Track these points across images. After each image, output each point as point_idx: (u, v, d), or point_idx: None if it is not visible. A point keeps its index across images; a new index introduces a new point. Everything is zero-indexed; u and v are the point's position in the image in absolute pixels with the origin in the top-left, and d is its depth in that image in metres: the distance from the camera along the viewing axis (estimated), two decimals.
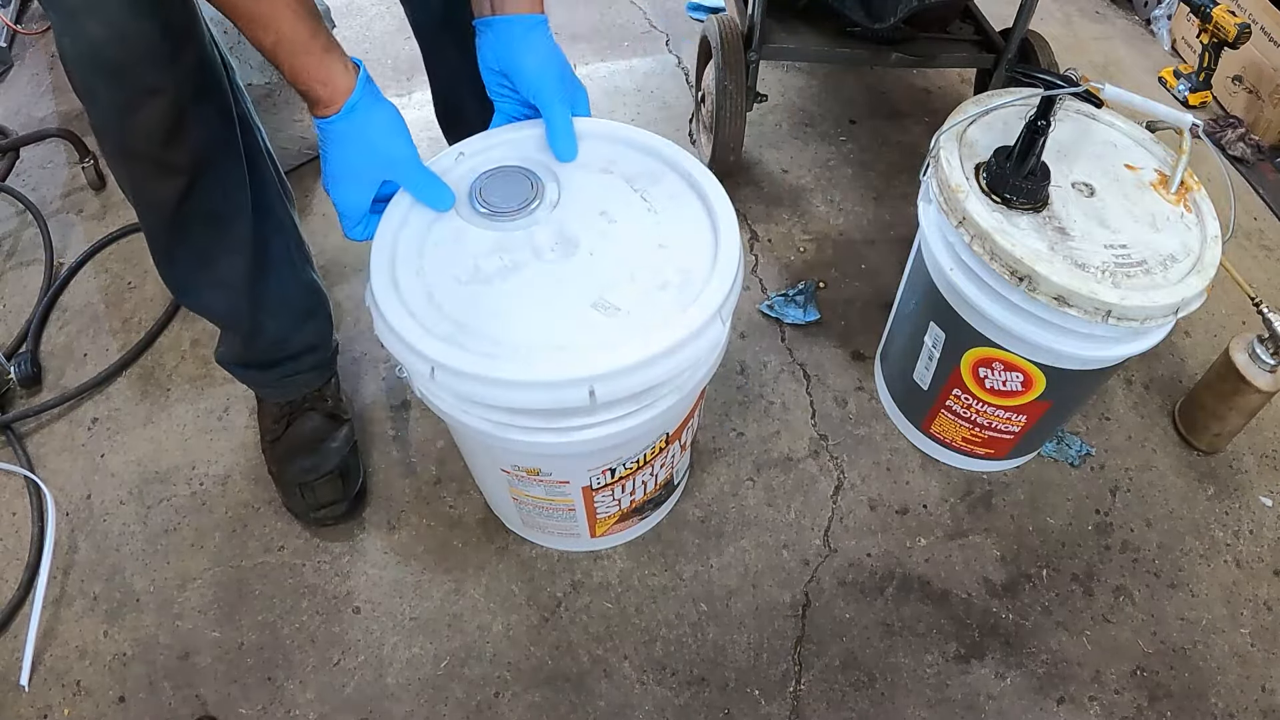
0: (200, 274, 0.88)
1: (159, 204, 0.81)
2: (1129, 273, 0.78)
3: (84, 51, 0.69)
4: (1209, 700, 0.90)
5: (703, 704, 0.88)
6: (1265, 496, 1.07)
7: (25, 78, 1.70)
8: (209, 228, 0.84)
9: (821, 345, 1.21)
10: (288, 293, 0.95)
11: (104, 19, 0.67)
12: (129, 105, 0.72)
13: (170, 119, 0.74)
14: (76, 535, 1.00)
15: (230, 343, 0.97)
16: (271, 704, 0.87)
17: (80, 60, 0.70)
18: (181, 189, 0.80)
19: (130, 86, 0.71)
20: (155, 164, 0.77)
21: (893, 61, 1.37)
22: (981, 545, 1.01)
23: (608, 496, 0.84)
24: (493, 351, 0.64)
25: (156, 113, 0.73)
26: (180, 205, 0.80)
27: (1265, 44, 1.60)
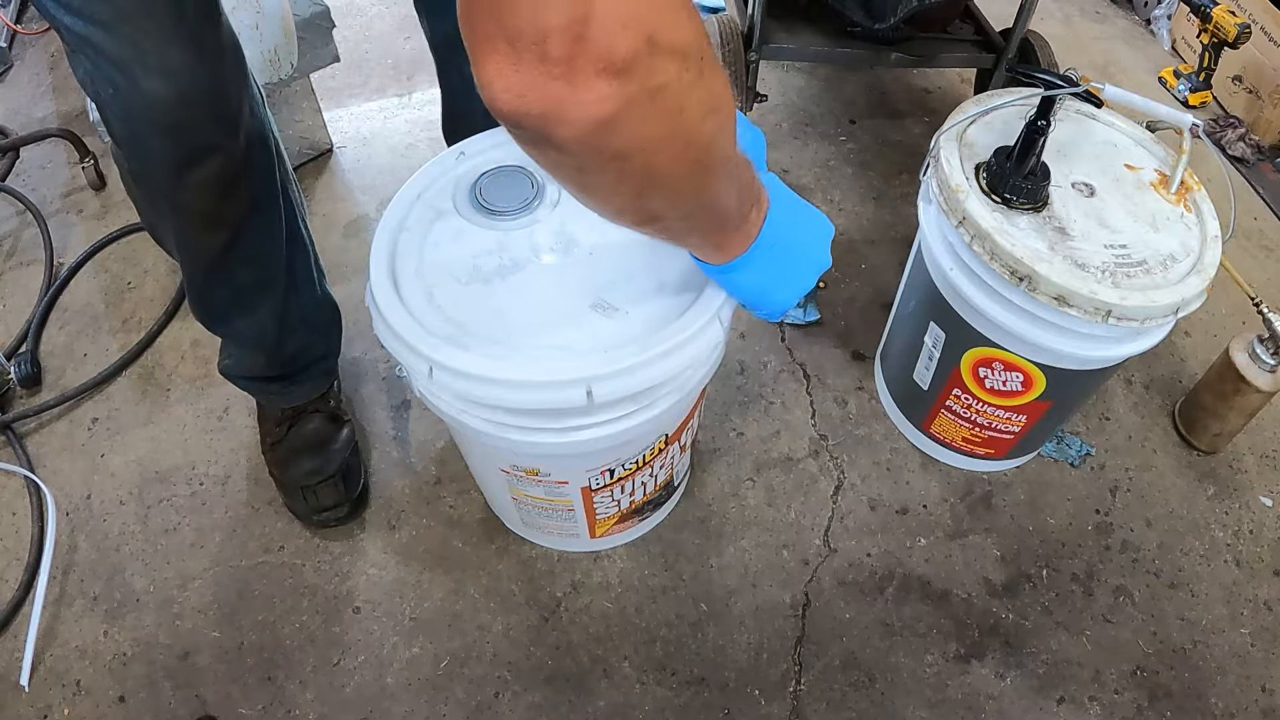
0: (236, 308, 0.88)
1: (205, 251, 0.80)
2: (1129, 273, 0.78)
3: (134, 104, 0.65)
4: (1209, 700, 0.90)
5: (703, 704, 0.88)
6: (1265, 496, 1.07)
7: (25, 78, 1.70)
8: (250, 268, 0.85)
9: (821, 345, 1.21)
10: (309, 311, 0.96)
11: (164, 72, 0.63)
12: (185, 162, 0.69)
13: (227, 175, 0.73)
14: (76, 535, 1.00)
15: (244, 359, 0.96)
16: (271, 704, 0.87)
17: (129, 114, 0.66)
18: (229, 239, 0.79)
19: (188, 144, 0.69)
20: (207, 218, 0.76)
21: (893, 61, 1.37)
22: (981, 545, 1.01)
23: (607, 497, 0.84)
24: (491, 351, 0.64)
25: (213, 170, 0.71)
26: (226, 253, 0.80)
27: (1265, 44, 1.60)
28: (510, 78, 0.35)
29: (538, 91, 0.35)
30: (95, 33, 0.62)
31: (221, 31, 0.69)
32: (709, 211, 0.51)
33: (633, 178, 0.43)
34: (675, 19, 0.37)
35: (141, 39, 0.62)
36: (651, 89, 0.37)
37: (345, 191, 1.44)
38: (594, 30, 0.34)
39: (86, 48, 0.63)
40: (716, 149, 0.45)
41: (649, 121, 0.38)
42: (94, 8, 0.61)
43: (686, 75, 0.38)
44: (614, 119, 0.37)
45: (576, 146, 0.38)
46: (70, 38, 0.63)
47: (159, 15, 0.62)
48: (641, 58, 0.35)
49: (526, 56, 0.34)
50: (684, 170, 0.44)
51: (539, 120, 0.37)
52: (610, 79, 0.35)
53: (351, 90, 1.65)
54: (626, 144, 0.39)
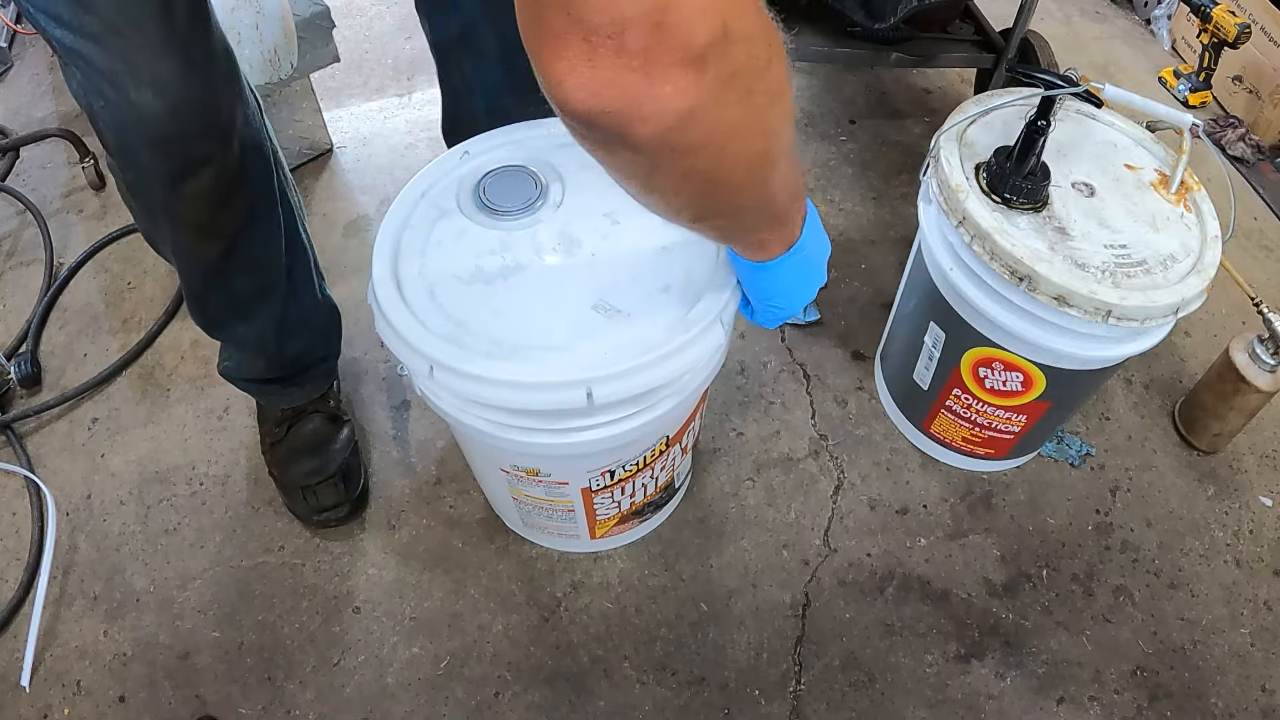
0: (235, 315, 0.88)
1: (202, 261, 0.80)
2: (1129, 273, 0.78)
3: (126, 117, 0.64)
4: (1209, 700, 0.90)
5: (703, 704, 0.88)
6: (1265, 496, 1.07)
7: (25, 78, 1.70)
8: (249, 276, 0.84)
9: (821, 345, 1.21)
10: (309, 315, 0.96)
11: (154, 85, 0.63)
12: (179, 174, 0.69)
13: (221, 187, 0.72)
14: (76, 535, 1.00)
15: (244, 362, 0.96)
16: (271, 704, 0.87)
17: (121, 126, 0.65)
18: (226, 248, 0.79)
19: (181, 156, 0.68)
20: (203, 229, 0.76)
21: (893, 61, 1.37)
22: (981, 545, 1.01)
23: (607, 498, 0.84)
24: (492, 351, 0.64)
25: (207, 181, 0.71)
26: (224, 262, 0.80)
27: (1265, 44, 1.60)
28: (585, 74, 0.34)
29: (615, 87, 0.34)
30: (85, 45, 0.61)
31: (213, 42, 0.69)
32: (763, 208, 0.51)
33: (700, 174, 0.42)
34: (746, 4, 0.36)
35: (131, 52, 0.62)
36: (725, 76, 0.36)
37: (345, 191, 1.44)
38: (673, 18, 0.33)
39: (77, 60, 0.62)
40: (781, 138, 0.44)
41: (723, 109, 0.37)
42: (83, 21, 0.60)
43: (756, 61, 0.38)
44: (692, 110, 0.36)
45: (652, 144, 0.37)
46: (61, 50, 0.63)
47: (148, 28, 0.62)
48: (718, 45, 0.34)
49: (603, 50, 0.33)
50: (748, 163, 0.43)
51: (615, 118, 0.35)
52: (688, 69, 0.34)
53: (351, 90, 1.65)
54: (701, 136, 0.38)
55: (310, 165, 1.47)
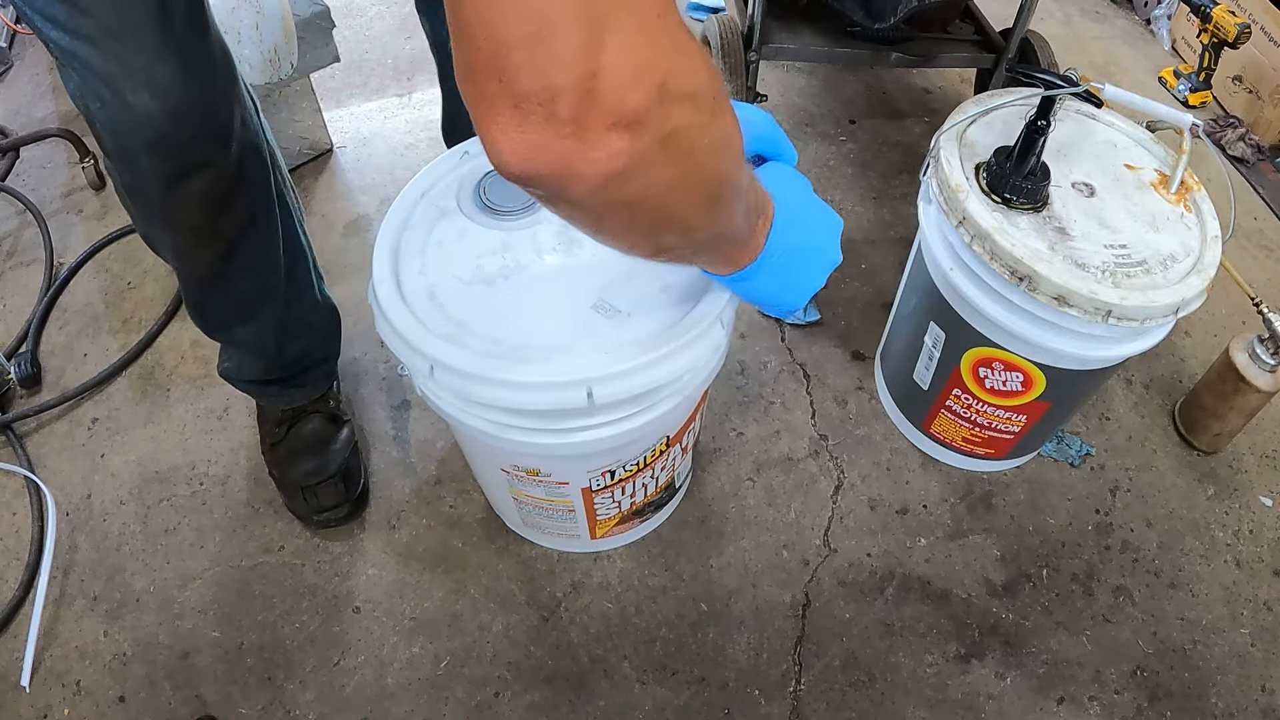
0: (234, 317, 0.88)
1: (201, 264, 0.80)
2: (1129, 273, 0.78)
3: (122, 119, 0.64)
4: (1209, 700, 0.90)
5: (703, 704, 0.88)
6: (1265, 496, 1.07)
7: (25, 78, 1.70)
8: (249, 279, 0.84)
9: (821, 345, 1.21)
10: (309, 317, 0.96)
11: (151, 88, 0.62)
12: (177, 177, 0.69)
13: (219, 189, 0.72)
14: (76, 535, 1.00)
15: (244, 364, 0.96)
16: (271, 704, 0.87)
17: (118, 129, 0.65)
18: (224, 251, 0.79)
19: (178, 159, 0.68)
20: (202, 232, 0.76)
21: (893, 61, 1.37)
22: (981, 545, 1.01)
23: (607, 498, 0.84)
24: (492, 351, 0.64)
25: (205, 184, 0.71)
26: (223, 264, 0.80)
27: (1265, 44, 1.60)
28: (516, 139, 0.34)
29: (547, 152, 0.34)
30: (81, 47, 0.61)
31: (210, 44, 0.68)
32: (719, 237, 0.51)
33: (646, 219, 0.42)
34: (686, 63, 0.35)
35: (127, 54, 0.62)
36: (664, 136, 0.35)
37: (345, 191, 1.44)
38: (604, 85, 0.32)
39: (74, 62, 0.62)
40: (727, 184, 0.44)
41: (662, 168, 0.37)
42: (79, 23, 0.60)
43: (699, 118, 0.37)
44: (627, 171, 0.35)
45: (590, 200, 0.37)
46: (58, 52, 0.63)
47: (145, 30, 0.62)
48: (653, 107, 0.34)
49: (534, 118, 0.33)
50: (696, 207, 0.43)
51: (550, 180, 0.36)
52: (622, 133, 0.34)
53: (351, 90, 1.65)
54: (640, 192, 0.38)
55: (310, 165, 1.47)
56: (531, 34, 0.31)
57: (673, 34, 0.35)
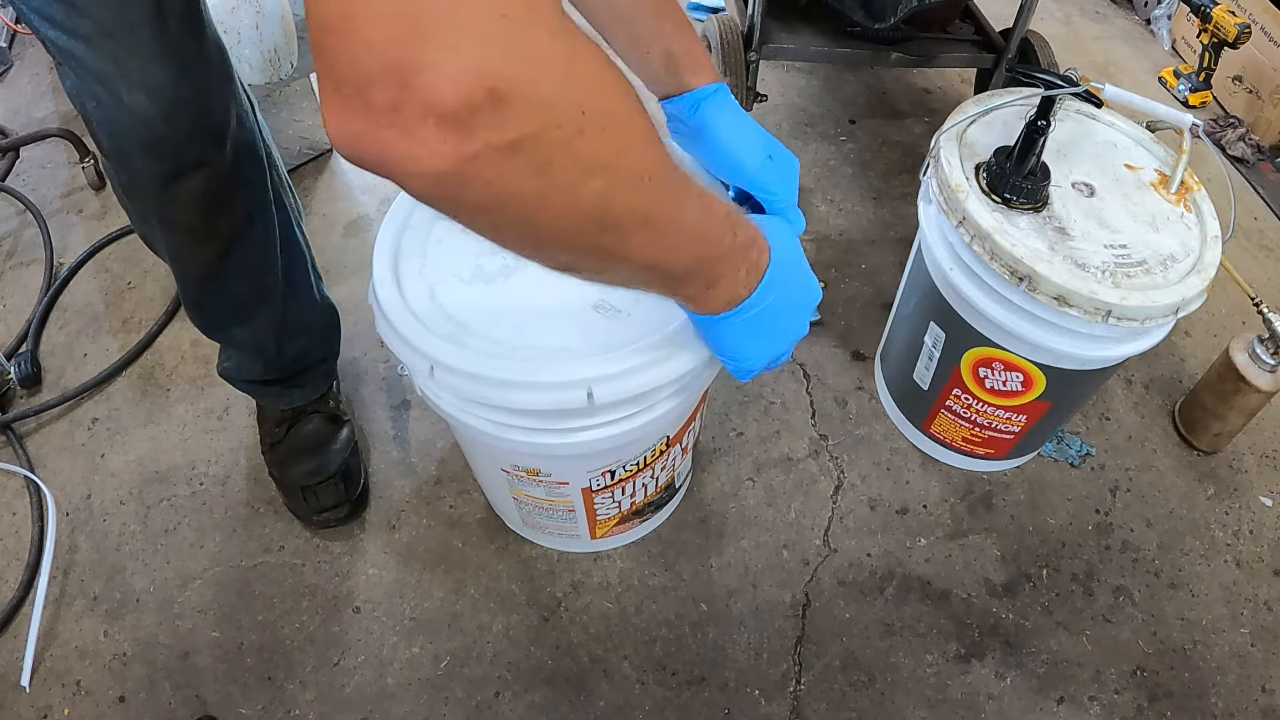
0: (232, 318, 0.88)
1: (198, 264, 0.80)
2: (1129, 273, 0.78)
3: (118, 119, 0.64)
4: (1209, 700, 0.90)
5: (703, 704, 0.88)
6: (1265, 496, 1.07)
7: (25, 78, 1.70)
8: (246, 279, 0.84)
9: (821, 345, 1.21)
10: (307, 317, 0.96)
11: (146, 88, 0.63)
12: (172, 176, 0.69)
13: (215, 189, 0.72)
14: (76, 535, 1.00)
15: (243, 364, 0.96)
16: (271, 704, 0.87)
17: (114, 129, 0.65)
18: (221, 251, 0.79)
19: (173, 159, 0.68)
20: (198, 232, 0.76)
21: (893, 61, 1.37)
22: (981, 545, 1.01)
23: (607, 498, 0.84)
24: (493, 351, 0.64)
25: (200, 184, 0.71)
26: (220, 265, 0.80)
27: (1265, 44, 1.60)
28: (340, 122, 0.33)
29: (368, 140, 0.33)
30: (78, 47, 0.61)
31: (206, 43, 0.68)
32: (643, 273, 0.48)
33: (511, 231, 0.40)
34: (535, 70, 0.33)
35: (123, 54, 0.62)
36: (504, 144, 0.33)
37: (345, 191, 1.44)
38: (422, 79, 0.31)
39: (70, 61, 0.62)
40: (613, 213, 0.40)
41: (506, 178, 0.35)
42: (75, 22, 0.60)
43: (557, 131, 0.35)
44: (458, 173, 0.34)
45: (427, 195, 0.36)
46: (54, 51, 0.63)
47: (141, 29, 0.62)
48: (481, 111, 0.32)
49: (353, 103, 0.32)
50: (573, 231, 0.40)
51: (376, 166, 0.35)
52: (444, 131, 0.32)
53: None
54: (484, 198, 0.36)
55: (310, 165, 1.47)
56: (344, 17, 0.31)
57: (523, 40, 0.33)
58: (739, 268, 0.53)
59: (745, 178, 0.63)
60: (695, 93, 0.63)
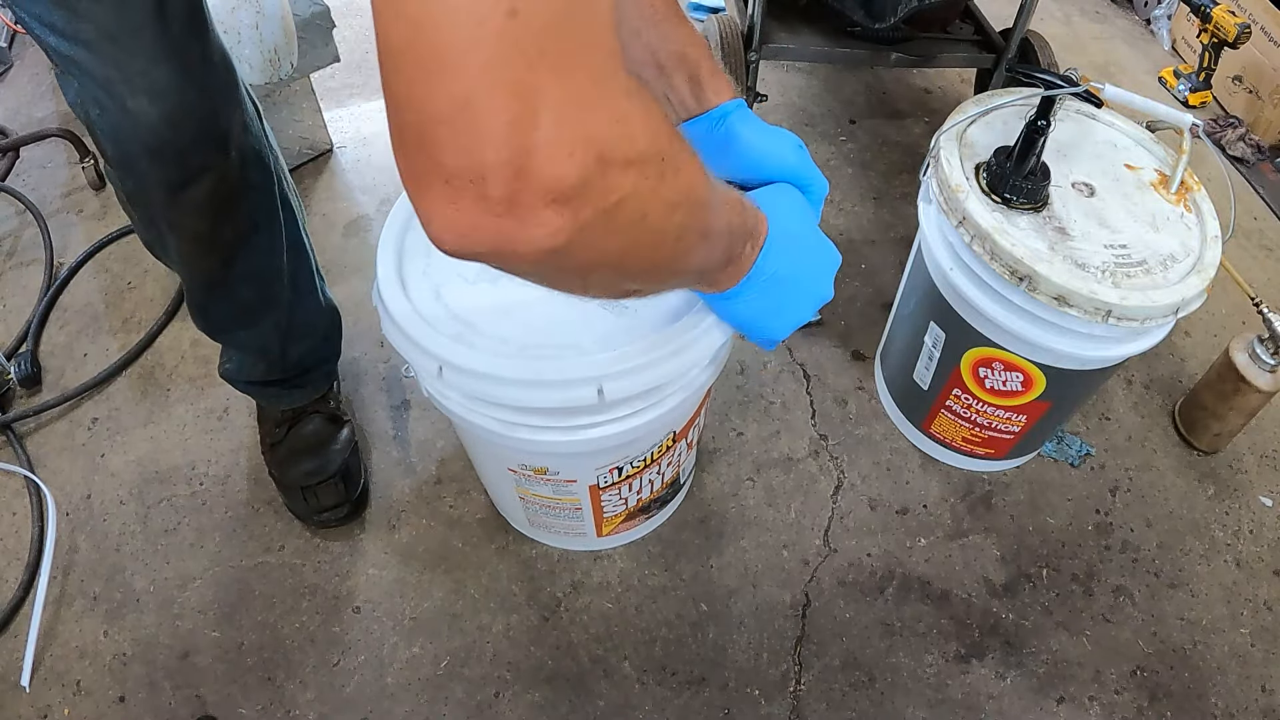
0: (238, 322, 0.88)
1: (205, 271, 0.80)
2: (1129, 273, 0.78)
3: (123, 125, 0.64)
4: (1209, 700, 0.90)
5: (703, 704, 0.88)
6: (1265, 496, 1.07)
7: (25, 78, 1.70)
8: (252, 285, 0.84)
9: (821, 345, 1.21)
10: (311, 319, 0.96)
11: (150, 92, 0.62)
12: (178, 183, 0.69)
13: (221, 195, 0.72)
14: (76, 535, 1.00)
15: (245, 365, 0.96)
16: (271, 704, 0.87)
17: (119, 135, 0.65)
18: (229, 258, 0.79)
19: (179, 165, 0.68)
20: (205, 239, 0.76)
21: (893, 61, 1.37)
22: (981, 545, 1.01)
23: (614, 495, 0.84)
24: (500, 350, 0.64)
25: (207, 190, 0.70)
26: (226, 271, 0.80)
27: (1265, 44, 1.60)
28: (450, 218, 0.33)
29: (482, 230, 0.33)
30: (80, 53, 0.61)
31: (210, 48, 0.68)
32: (689, 278, 0.51)
33: (602, 280, 0.42)
34: (626, 129, 0.33)
35: (126, 59, 0.61)
36: (608, 208, 0.34)
37: (345, 191, 1.44)
38: (536, 162, 0.31)
39: (72, 68, 0.62)
40: (685, 238, 0.42)
41: (609, 238, 0.36)
42: (78, 27, 0.60)
43: (646, 183, 0.36)
44: (570, 245, 0.34)
45: (536, 270, 0.36)
46: (56, 58, 0.62)
47: (143, 34, 0.61)
48: (593, 180, 0.32)
49: (465, 196, 0.31)
50: (656, 263, 0.42)
51: (489, 258, 0.35)
52: (560, 208, 0.32)
53: (351, 90, 1.65)
54: (588, 260, 0.37)
55: (310, 165, 1.47)
56: (458, 110, 0.30)
57: (611, 102, 0.33)
58: (746, 243, 0.54)
59: (786, 171, 0.64)
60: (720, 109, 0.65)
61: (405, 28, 0.29)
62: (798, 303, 0.60)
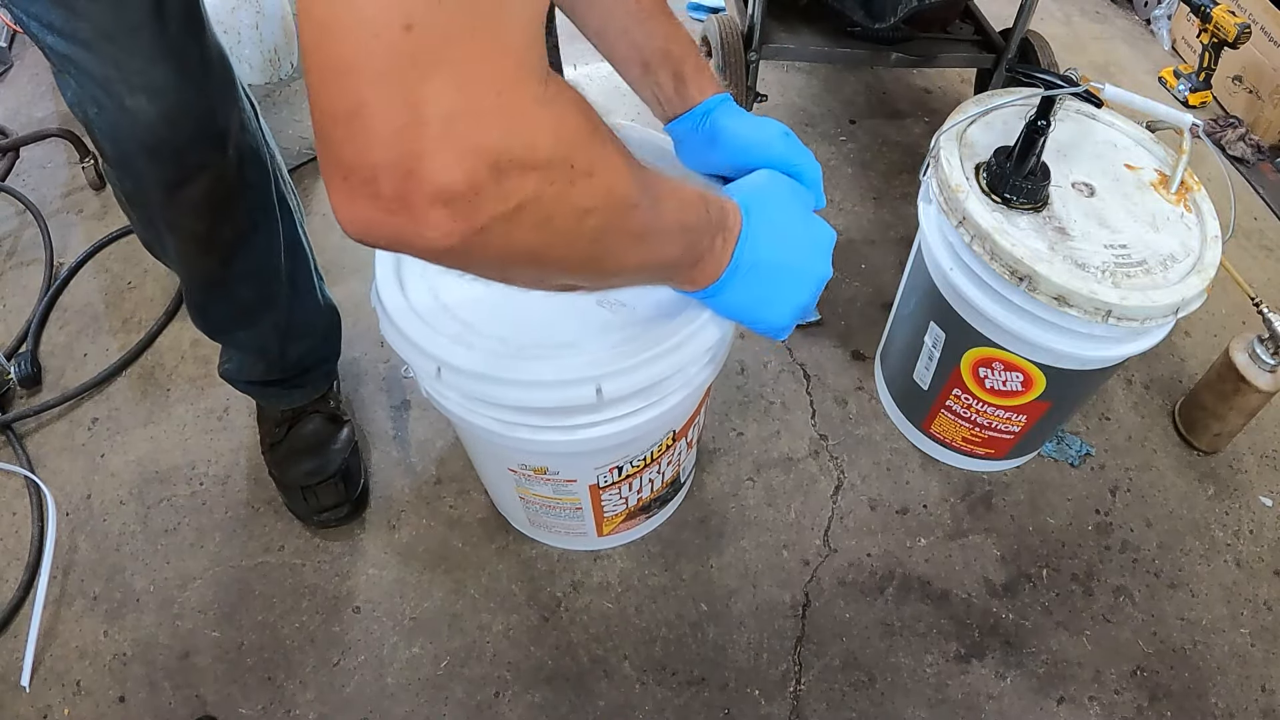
0: (237, 322, 0.88)
1: (204, 270, 0.80)
2: (1129, 273, 0.78)
3: (121, 124, 0.64)
4: (1209, 700, 0.90)
5: (703, 704, 0.88)
6: (1265, 496, 1.07)
7: (25, 78, 1.70)
8: (251, 285, 0.84)
9: (821, 345, 1.21)
10: (310, 319, 0.96)
11: (148, 91, 0.63)
12: (176, 182, 0.69)
13: (219, 194, 0.72)
14: (76, 535, 1.00)
15: (245, 365, 0.96)
16: (271, 704, 0.87)
17: (117, 134, 0.65)
18: (227, 258, 0.79)
19: (177, 164, 0.68)
20: (203, 239, 0.76)
21: (893, 61, 1.37)
22: (981, 545, 1.01)
23: (614, 494, 0.84)
24: (499, 350, 0.64)
25: (204, 189, 0.71)
26: (225, 270, 0.80)
27: (1265, 44, 1.60)
28: (350, 211, 0.34)
29: (380, 226, 0.34)
30: (78, 52, 0.61)
31: (207, 47, 0.68)
32: (634, 276, 0.50)
33: (524, 275, 0.42)
34: (528, 134, 0.34)
35: (124, 57, 0.61)
36: (506, 212, 0.35)
37: None
38: (425, 167, 0.32)
39: (70, 67, 0.62)
40: (607, 243, 0.42)
41: (511, 240, 0.36)
42: (75, 26, 0.60)
43: (551, 188, 0.36)
44: (466, 247, 0.35)
45: (438, 261, 0.37)
46: (54, 57, 0.63)
47: (141, 32, 0.61)
48: (486, 186, 0.33)
49: (361, 192, 0.33)
50: (575, 264, 0.42)
51: (387, 246, 0.36)
52: (451, 211, 0.33)
53: None
54: (492, 259, 0.38)
55: (310, 165, 1.47)
56: (352, 113, 0.31)
57: (513, 111, 0.34)
58: (715, 238, 0.54)
59: (773, 159, 0.64)
60: (704, 104, 0.66)
61: (314, 30, 0.31)
62: (793, 287, 0.60)
